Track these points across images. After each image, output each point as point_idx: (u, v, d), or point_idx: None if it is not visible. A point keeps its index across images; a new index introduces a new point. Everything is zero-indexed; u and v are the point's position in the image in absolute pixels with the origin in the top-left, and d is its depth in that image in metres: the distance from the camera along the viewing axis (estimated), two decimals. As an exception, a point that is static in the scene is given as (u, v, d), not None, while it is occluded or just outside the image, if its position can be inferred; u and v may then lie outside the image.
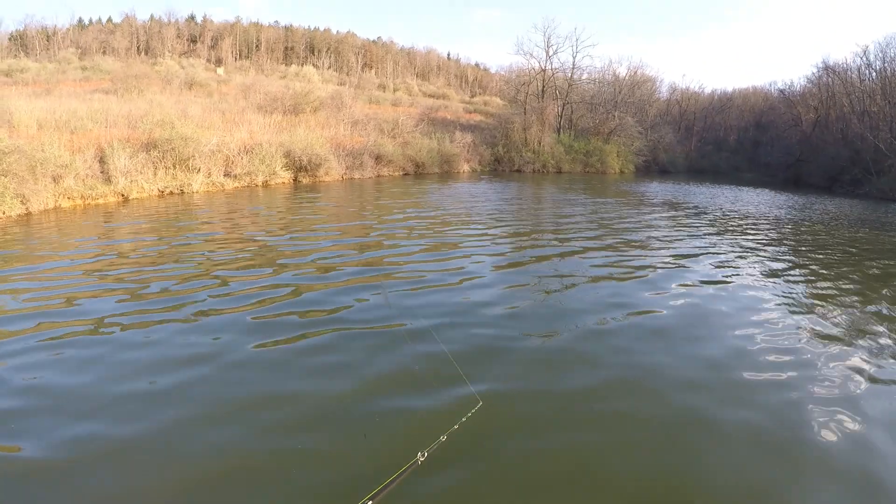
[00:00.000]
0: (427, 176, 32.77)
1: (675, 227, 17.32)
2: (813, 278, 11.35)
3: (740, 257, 12.86)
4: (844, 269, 12.41)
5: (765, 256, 13.15)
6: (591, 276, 10.48)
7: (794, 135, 53.47)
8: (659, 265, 11.57)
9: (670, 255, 12.68)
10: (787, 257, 13.45)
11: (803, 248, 14.88)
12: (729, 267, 11.71)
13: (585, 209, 20.26)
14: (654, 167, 51.75)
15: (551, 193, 26.33)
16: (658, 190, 31.70)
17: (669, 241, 14.49)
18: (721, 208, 23.37)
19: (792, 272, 11.75)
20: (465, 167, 38.19)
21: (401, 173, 32.42)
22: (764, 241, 15.38)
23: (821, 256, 13.68)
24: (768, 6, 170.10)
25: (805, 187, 41.35)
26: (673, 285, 9.91)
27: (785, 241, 15.90)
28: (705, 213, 21.17)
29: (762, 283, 10.55)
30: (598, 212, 19.75)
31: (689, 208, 22.63)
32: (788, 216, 22.17)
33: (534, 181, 33.95)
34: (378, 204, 19.74)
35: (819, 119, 51.00)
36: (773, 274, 11.36)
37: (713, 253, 13.20)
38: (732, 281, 10.49)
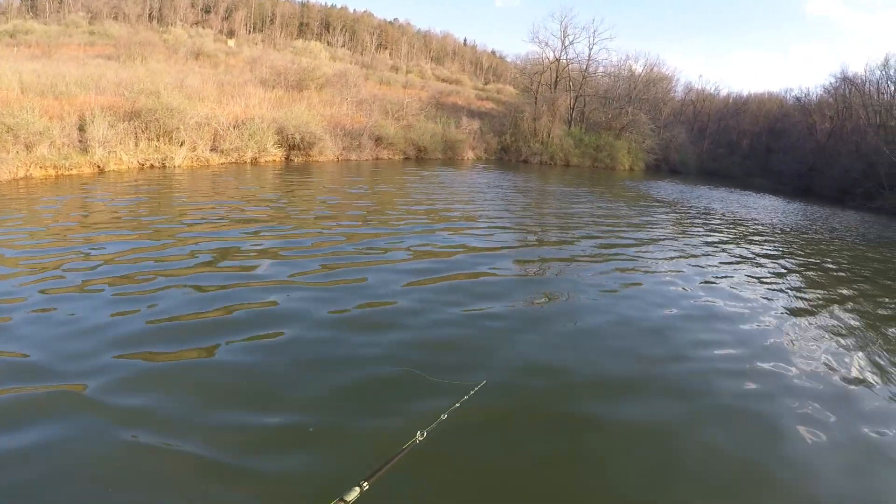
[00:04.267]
0: (428, 161, 31.68)
1: (683, 232, 16.49)
2: (819, 294, 10.74)
3: (758, 268, 12.31)
4: (857, 285, 11.81)
5: (783, 271, 12.51)
6: (596, 271, 10.10)
7: (807, 144, 52.12)
8: (664, 271, 11.02)
9: (675, 260, 12.14)
10: (797, 269, 12.81)
11: (813, 262, 14.15)
12: (748, 280, 11.07)
13: (594, 212, 19.04)
14: (664, 166, 50.35)
15: (558, 194, 25.18)
16: (670, 191, 30.66)
17: (676, 248, 13.71)
18: (735, 215, 22.48)
19: (797, 284, 11.23)
20: (470, 154, 37.09)
21: (401, 157, 31.39)
22: (782, 257, 14.56)
23: (828, 272, 12.96)
24: (791, 14, 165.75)
25: (816, 198, 40.41)
26: (674, 289, 9.55)
27: (795, 253, 15.18)
28: (718, 219, 20.35)
29: (778, 295, 10.12)
30: (607, 216, 18.71)
31: (702, 213, 21.71)
32: (799, 226, 21.45)
33: (540, 174, 32.88)
34: (348, 193, 18.83)
35: (834, 129, 49.73)
36: (783, 284, 10.91)
37: (723, 262, 12.51)
38: (750, 294, 9.86)
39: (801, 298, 10.32)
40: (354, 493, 2.77)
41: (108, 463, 4.00)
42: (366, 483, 2.85)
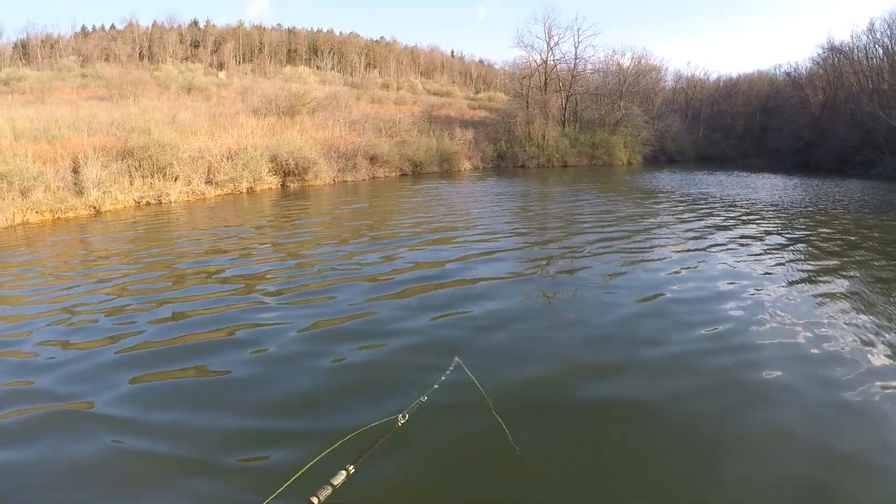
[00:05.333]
0: (425, 176, 31.64)
1: (684, 220, 16.21)
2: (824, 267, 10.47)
3: (756, 248, 12.12)
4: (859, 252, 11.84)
5: (782, 247, 12.25)
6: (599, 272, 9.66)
7: (802, 118, 51.92)
8: (670, 263, 10.74)
9: (679, 251, 11.89)
10: (800, 245, 12.62)
11: (814, 234, 13.97)
12: (751, 266, 10.65)
13: (594, 209, 18.77)
14: (662, 157, 50.31)
15: (556, 197, 25.06)
16: (667, 181, 30.49)
17: (678, 237, 13.51)
18: (731, 196, 22.40)
19: (802, 260, 11.09)
20: (467, 165, 37.02)
21: (397, 174, 31.33)
22: (777, 231, 14.34)
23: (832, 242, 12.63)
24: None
25: (816, 171, 40.11)
26: (680, 285, 9.15)
27: (795, 229, 14.92)
28: (716, 203, 20.20)
29: (781, 276, 9.76)
30: (607, 212, 18.46)
31: (700, 199, 21.48)
32: (797, 201, 21.33)
33: (538, 177, 32.83)
34: (336, 213, 18.79)
35: (827, 100, 49.50)
36: (790, 265, 10.63)
37: (725, 247, 12.23)
38: (758, 282, 9.46)
39: (809, 272, 10.20)
40: (341, 477, 2.89)
41: (105, 469, 4.22)
42: (352, 466, 2.97)
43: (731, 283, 9.12)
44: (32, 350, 6.49)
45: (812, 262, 11.13)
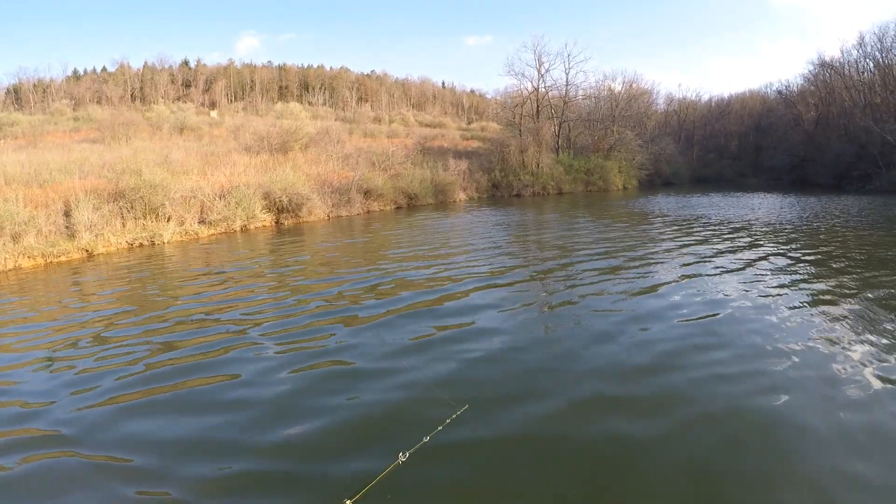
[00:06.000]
0: (420, 208, 31.46)
1: (682, 245, 15.93)
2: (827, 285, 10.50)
3: (755, 271, 12.00)
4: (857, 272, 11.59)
5: (783, 268, 12.17)
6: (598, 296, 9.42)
7: (796, 135, 52.41)
8: (670, 289, 10.64)
9: (677, 277, 11.77)
10: (802, 267, 12.49)
11: (817, 256, 13.78)
12: (751, 288, 10.56)
13: (592, 237, 18.59)
14: (657, 180, 50.53)
15: (553, 224, 24.90)
16: (663, 204, 30.43)
17: (676, 262, 13.38)
18: (727, 218, 22.33)
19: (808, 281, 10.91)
20: (462, 195, 36.94)
21: (392, 207, 31.11)
22: (776, 253, 14.14)
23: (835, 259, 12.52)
24: (756, 9, 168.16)
25: (812, 188, 40.35)
26: (680, 311, 9.04)
27: (795, 249, 14.77)
28: (714, 225, 20.04)
29: (788, 301, 9.55)
30: (605, 240, 18.26)
31: (696, 222, 21.23)
32: (794, 219, 21.35)
33: (534, 206, 32.69)
34: (331, 249, 18.55)
35: (820, 116, 49.92)
36: (792, 286, 10.53)
37: (725, 270, 12.16)
38: (759, 305, 9.34)
39: (812, 293, 10.08)
40: None
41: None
42: (349, 501, 3.19)
43: (732, 307, 9.09)
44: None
45: (816, 283, 11.06)
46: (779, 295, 9.90)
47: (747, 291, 10.22)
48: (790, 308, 9.05)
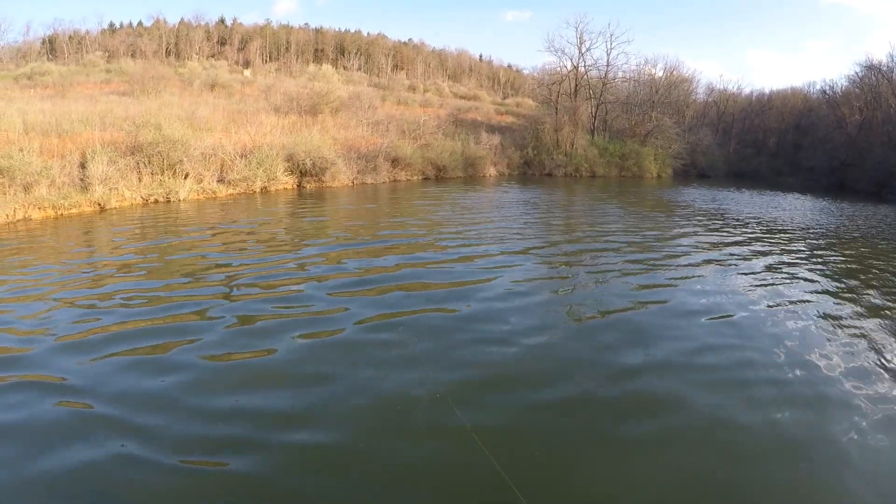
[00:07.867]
0: (448, 180, 30.52)
1: (716, 244, 14.77)
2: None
3: (789, 274, 11.47)
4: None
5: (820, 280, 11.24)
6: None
7: (837, 137, 49.67)
8: (703, 289, 9.98)
9: (708, 273, 11.18)
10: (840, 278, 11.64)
11: (847, 265, 12.97)
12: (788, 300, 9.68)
13: (625, 225, 17.64)
14: (692, 171, 48.40)
15: (584, 209, 23.77)
16: (699, 197, 28.81)
17: (708, 259, 12.50)
18: (766, 217, 21.02)
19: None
20: (492, 170, 35.89)
21: (420, 177, 30.15)
22: (811, 260, 13.20)
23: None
24: (804, 5, 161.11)
25: (851, 193, 38.18)
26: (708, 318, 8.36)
27: (833, 260, 13.75)
28: (750, 225, 18.78)
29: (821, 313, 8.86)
30: (637, 230, 17.23)
31: (732, 219, 20.03)
32: (837, 226, 19.94)
33: (565, 187, 31.48)
34: (353, 216, 17.69)
35: (864, 121, 47.38)
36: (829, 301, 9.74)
37: (757, 274, 11.30)
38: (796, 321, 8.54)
39: (844, 305, 9.40)
40: None
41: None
42: None
43: (767, 309, 8.76)
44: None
45: (845, 295, 10.20)
46: (804, 301, 9.40)
47: (772, 296, 9.65)
48: (819, 316, 8.61)
